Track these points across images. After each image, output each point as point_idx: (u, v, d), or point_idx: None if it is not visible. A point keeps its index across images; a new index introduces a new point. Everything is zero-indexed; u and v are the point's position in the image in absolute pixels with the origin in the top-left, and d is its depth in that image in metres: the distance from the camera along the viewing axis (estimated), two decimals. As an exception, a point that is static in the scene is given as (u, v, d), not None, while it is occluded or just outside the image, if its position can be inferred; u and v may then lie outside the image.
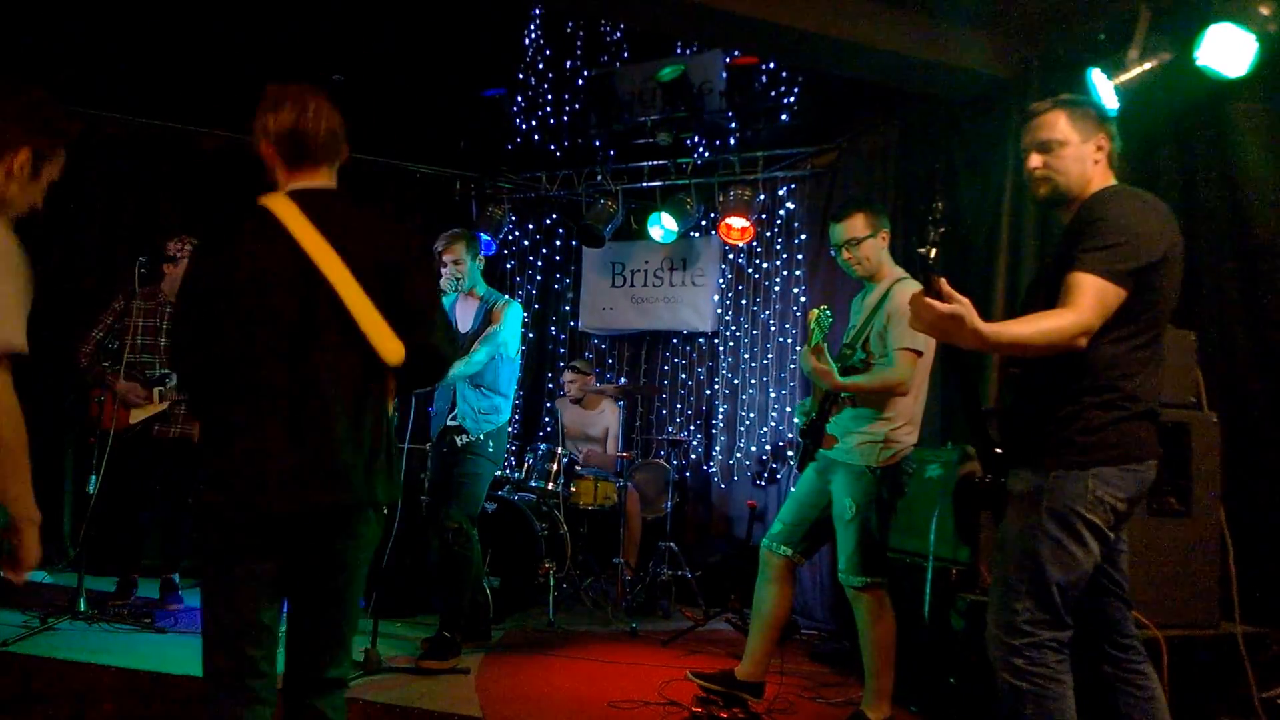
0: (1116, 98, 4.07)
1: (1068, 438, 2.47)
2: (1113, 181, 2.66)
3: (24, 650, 4.08)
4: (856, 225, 3.88)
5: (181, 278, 2.27)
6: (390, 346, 2.20)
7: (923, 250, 2.41)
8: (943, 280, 2.34)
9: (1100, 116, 2.68)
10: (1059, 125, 2.63)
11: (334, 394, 2.18)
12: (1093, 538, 2.45)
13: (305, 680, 2.24)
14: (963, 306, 2.31)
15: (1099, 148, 2.63)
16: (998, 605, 2.52)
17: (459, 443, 4.66)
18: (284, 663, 2.25)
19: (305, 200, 2.26)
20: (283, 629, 2.26)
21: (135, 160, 6.54)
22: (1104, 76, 4.12)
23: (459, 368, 4.59)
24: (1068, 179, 2.62)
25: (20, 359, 1.97)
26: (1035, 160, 2.66)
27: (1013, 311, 4.73)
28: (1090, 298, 2.38)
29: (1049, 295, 2.54)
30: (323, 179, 2.33)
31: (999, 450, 2.63)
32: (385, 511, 2.32)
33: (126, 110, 6.50)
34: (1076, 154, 2.61)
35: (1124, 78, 4.08)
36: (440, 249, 4.67)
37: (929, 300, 2.33)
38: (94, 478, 4.76)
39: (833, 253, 4.04)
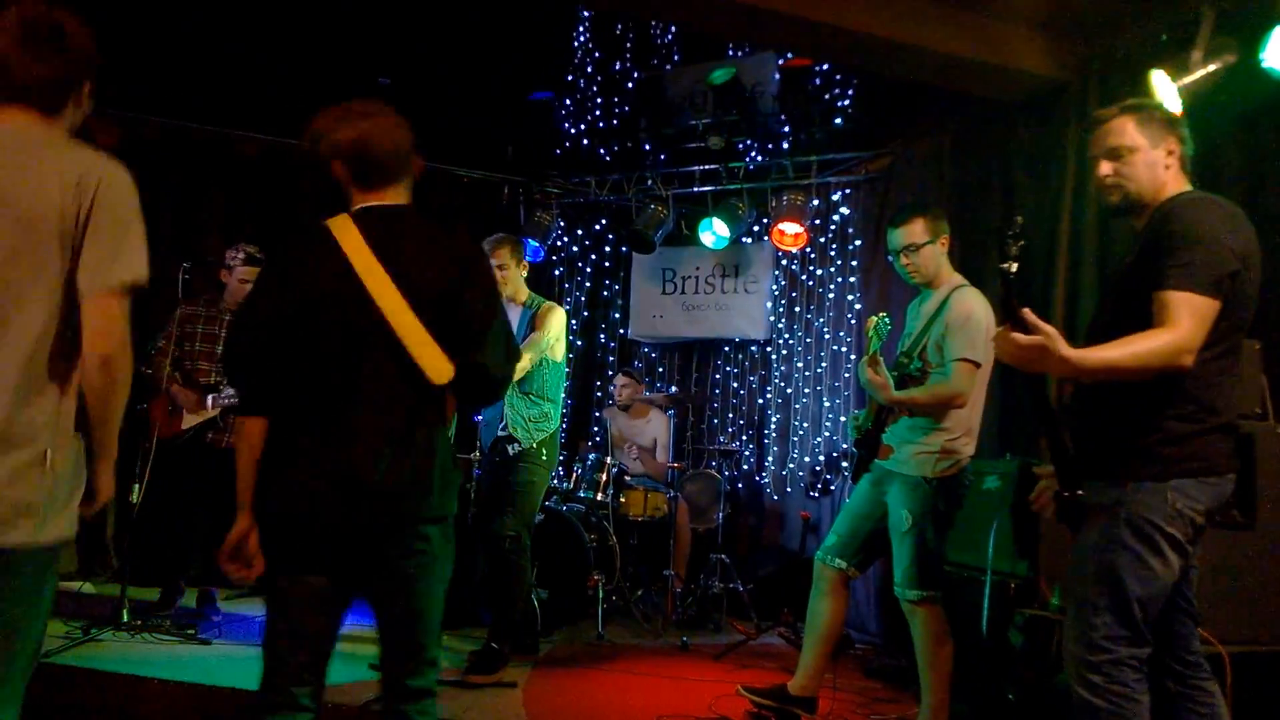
0: (1179, 100, 3.95)
1: (1147, 449, 2.42)
2: (1186, 186, 2.60)
3: (66, 661, 4.07)
4: (916, 230, 3.79)
5: (249, 291, 2.34)
6: (437, 366, 2.22)
7: (1004, 266, 2.38)
8: (1026, 310, 2.32)
9: (1169, 121, 2.62)
10: (1127, 131, 2.58)
11: (381, 414, 2.21)
12: (1172, 551, 2.39)
13: (393, 690, 2.32)
14: (1047, 336, 2.29)
15: (1169, 152, 2.58)
16: (1075, 621, 2.47)
17: (511, 452, 4.63)
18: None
19: (366, 220, 2.29)
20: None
21: (175, 164, 6.56)
22: (1166, 79, 3.99)
23: None
24: (1139, 185, 2.57)
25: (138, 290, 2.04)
26: (1105, 168, 2.61)
27: (1073, 318, 4.66)
28: (1186, 315, 2.32)
29: (1116, 305, 2.50)
30: (392, 197, 2.34)
31: (1074, 462, 2.55)
32: (450, 523, 2.35)
33: (166, 114, 6.56)
34: (1147, 160, 2.57)
35: (1187, 80, 3.98)
36: (511, 254, 4.65)
37: (1012, 335, 2.33)
38: (136, 487, 4.77)
39: (890, 258, 3.96)
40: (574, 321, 7.77)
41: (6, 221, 1.93)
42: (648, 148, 7.11)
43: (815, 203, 6.62)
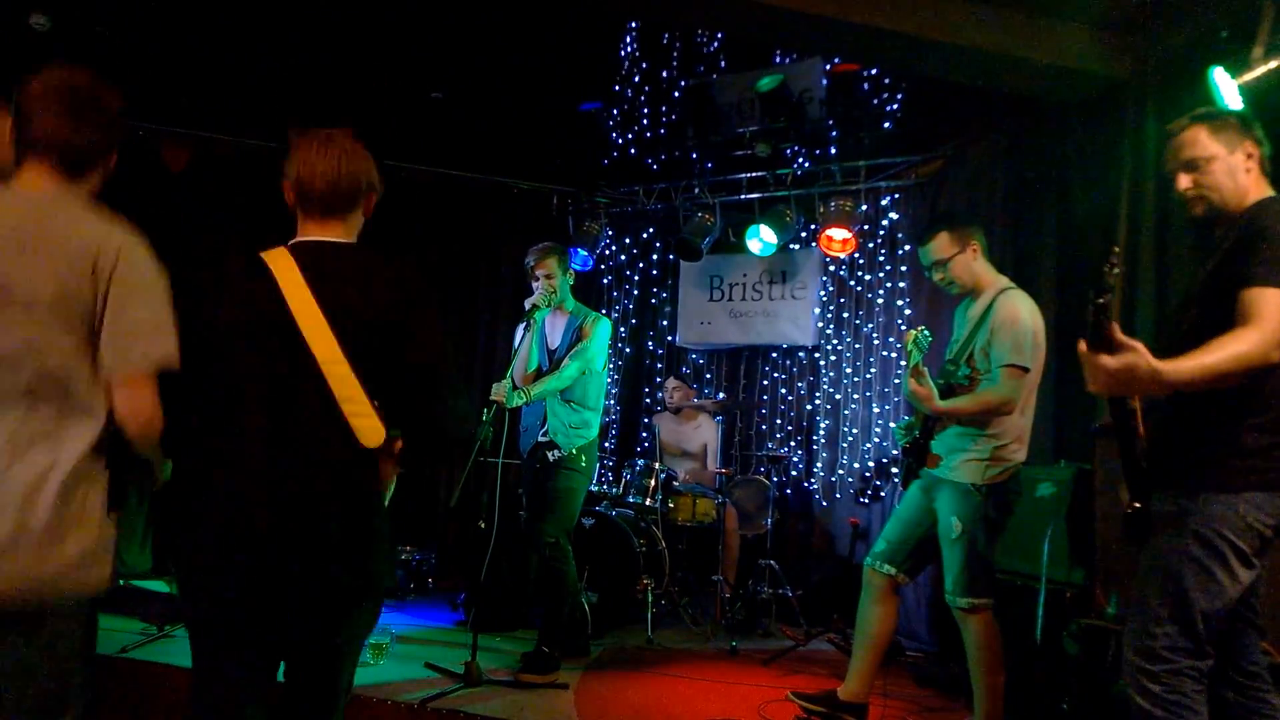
0: (1240, 98, 3.88)
1: (1221, 460, 2.37)
2: (1269, 190, 2.55)
3: (141, 656, 4.23)
4: (941, 246, 3.78)
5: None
6: (367, 427, 2.04)
7: (1100, 301, 2.25)
8: (1114, 325, 2.22)
9: (1243, 124, 2.58)
10: (1200, 141, 2.55)
11: (310, 471, 2.04)
12: (1240, 565, 2.35)
13: None
14: (1135, 353, 2.20)
15: (1248, 155, 2.54)
16: (1137, 630, 2.43)
17: (551, 458, 4.67)
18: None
19: (305, 255, 2.14)
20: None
21: (244, 181, 6.67)
22: (1227, 76, 3.92)
23: (549, 383, 4.61)
24: (1222, 194, 2.53)
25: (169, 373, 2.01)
26: (1185, 181, 2.57)
27: (1130, 326, 4.56)
28: (1273, 310, 2.27)
29: (1205, 312, 2.44)
30: (335, 232, 2.22)
31: (1145, 473, 2.52)
32: (380, 598, 2.20)
33: (235, 132, 6.71)
34: (1226, 167, 2.53)
35: (1248, 77, 3.90)
36: (532, 263, 4.71)
37: (1099, 360, 2.23)
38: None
39: (926, 275, 3.95)
40: (622, 329, 7.82)
41: (13, 307, 1.90)
42: (695, 156, 7.13)
43: (864, 208, 6.60)
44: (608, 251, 7.84)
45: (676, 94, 6.96)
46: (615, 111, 7.16)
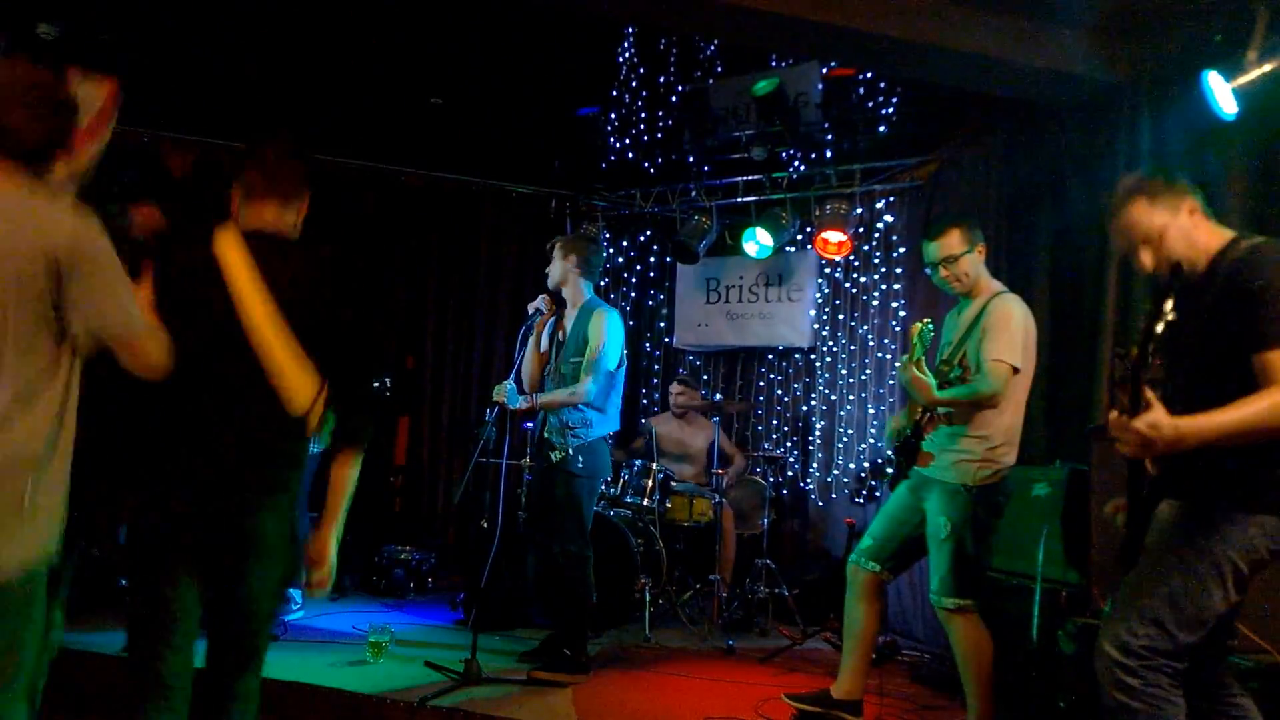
0: (1235, 101, 3.92)
1: (1240, 480, 2.38)
2: (1223, 232, 2.57)
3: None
4: (952, 241, 3.78)
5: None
6: (301, 397, 2.31)
7: (1131, 354, 2.26)
8: (1147, 389, 2.24)
9: (1171, 182, 2.59)
10: (1142, 217, 2.58)
11: (245, 435, 2.30)
12: (1235, 585, 2.38)
13: (217, 687, 2.38)
14: (1154, 413, 2.23)
15: (1191, 211, 2.56)
16: (1118, 625, 2.44)
17: (553, 459, 4.58)
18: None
19: (255, 244, 2.39)
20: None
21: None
22: (1221, 79, 3.96)
23: (560, 396, 4.58)
24: (1175, 253, 2.54)
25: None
26: (1146, 259, 2.59)
27: (1124, 329, 4.62)
28: None
29: (1199, 352, 2.48)
30: (274, 214, 2.51)
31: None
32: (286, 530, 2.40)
33: (237, 138, 6.75)
34: (1177, 232, 2.55)
35: (1243, 80, 3.93)
36: (566, 251, 4.75)
37: (1128, 424, 2.25)
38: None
39: (927, 271, 3.95)
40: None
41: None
42: (691, 160, 7.16)
43: (859, 211, 6.64)
44: (605, 254, 7.86)
45: (673, 98, 7.00)
46: (613, 116, 7.20)
